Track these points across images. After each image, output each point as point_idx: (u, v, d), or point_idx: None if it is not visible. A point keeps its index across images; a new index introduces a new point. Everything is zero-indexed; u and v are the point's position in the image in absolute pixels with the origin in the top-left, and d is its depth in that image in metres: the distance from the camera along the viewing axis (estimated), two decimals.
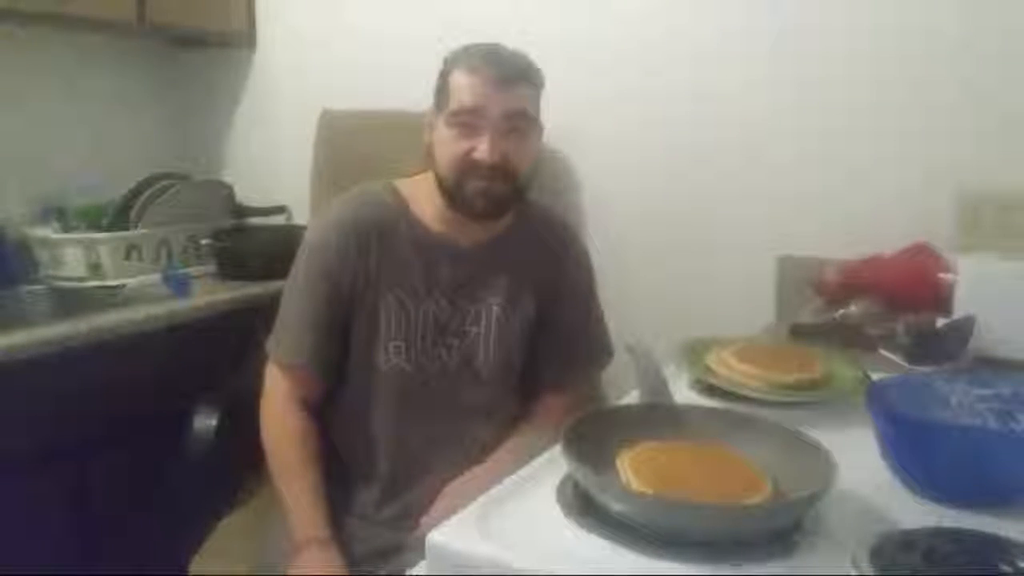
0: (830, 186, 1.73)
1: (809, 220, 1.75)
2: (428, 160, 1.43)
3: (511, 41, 1.42)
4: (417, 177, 1.48)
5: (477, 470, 1.40)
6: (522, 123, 1.37)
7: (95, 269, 2.03)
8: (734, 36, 1.79)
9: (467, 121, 1.34)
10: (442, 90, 1.39)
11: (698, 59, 1.83)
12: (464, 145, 1.35)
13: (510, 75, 1.35)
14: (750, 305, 1.76)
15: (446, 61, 1.40)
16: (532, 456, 0.95)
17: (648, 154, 1.90)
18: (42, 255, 2.07)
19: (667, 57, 1.86)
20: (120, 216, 2.08)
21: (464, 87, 1.34)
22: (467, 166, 1.35)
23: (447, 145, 1.36)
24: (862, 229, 1.68)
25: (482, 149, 1.34)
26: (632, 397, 1.10)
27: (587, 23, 1.93)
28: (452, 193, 1.38)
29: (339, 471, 1.45)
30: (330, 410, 1.48)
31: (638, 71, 1.89)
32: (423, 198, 1.44)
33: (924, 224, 1.62)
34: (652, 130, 1.89)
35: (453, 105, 1.35)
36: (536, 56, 1.42)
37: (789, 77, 1.75)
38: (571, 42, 1.92)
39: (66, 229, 2.09)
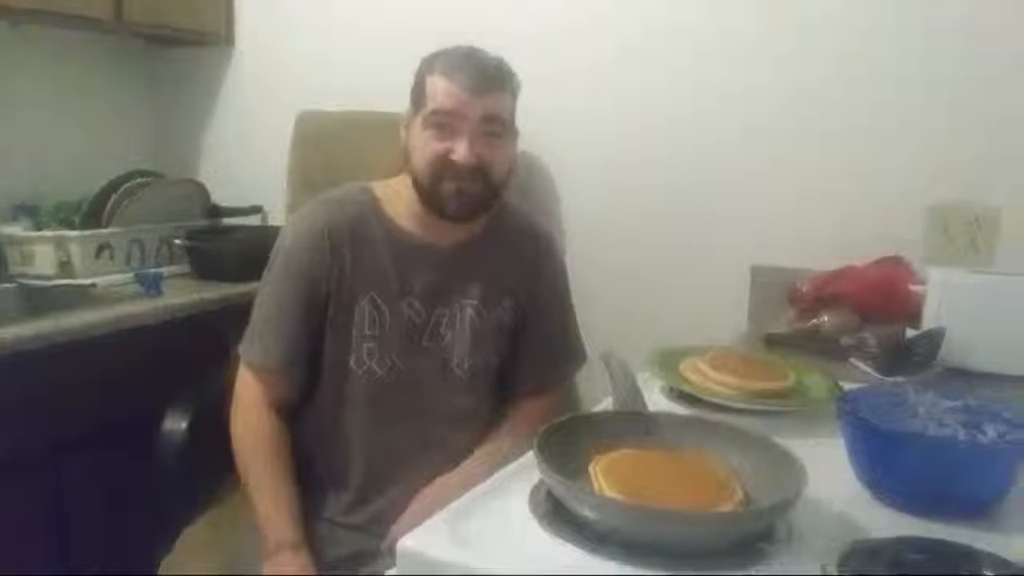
0: (804, 197, 1.75)
1: (783, 231, 1.77)
2: (404, 161, 1.42)
3: (489, 42, 1.42)
4: (393, 179, 1.47)
5: (450, 475, 1.39)
6: (498, 127, 1.38)
7: (65, 267, 2.01)
8: (713, 41, 1.80)
9: (444, 122, 1.35)
10: (419, 92, 1.39)
11: (675, 66, 1.84)
12: (440, 146, 1.35)
13: (486, 80, 1.35)
14: (723, 314, 1.77)
15: (423, 63, 1.40)
16: (505, 462, 0.95)
17: (624, 161, 1.92)
18: (11, 253, 2.04)
19: (644, 64, 1.87)
20: (92, 214, 2.06)
21: (441, 91, 1.34)
22: (443, 167, 1.35)
23: (423, 145, 1.37)
24: (835, 240, 1.70)
25: (459, 150, 1.34)
26: (606, 404, 1.10)
27: (564, 25, 1.94)
28: (427, 193, 1.38)
29: (311, 475, 1.44)
30: (303, 413, 1.46)
31: (615, 78, 1.90)
32: (399, 200, 1.44)
33: (896, 237, 1.65)
34: (628, 136, 1.90)
35: (430, 107, 1.35)
36: (513, 58, 1.42)
37: (767, 85, 1.76)
38: (548, 45, 1.93)
39: (37, 227, 2.07)
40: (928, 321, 1.40)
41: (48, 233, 2.03)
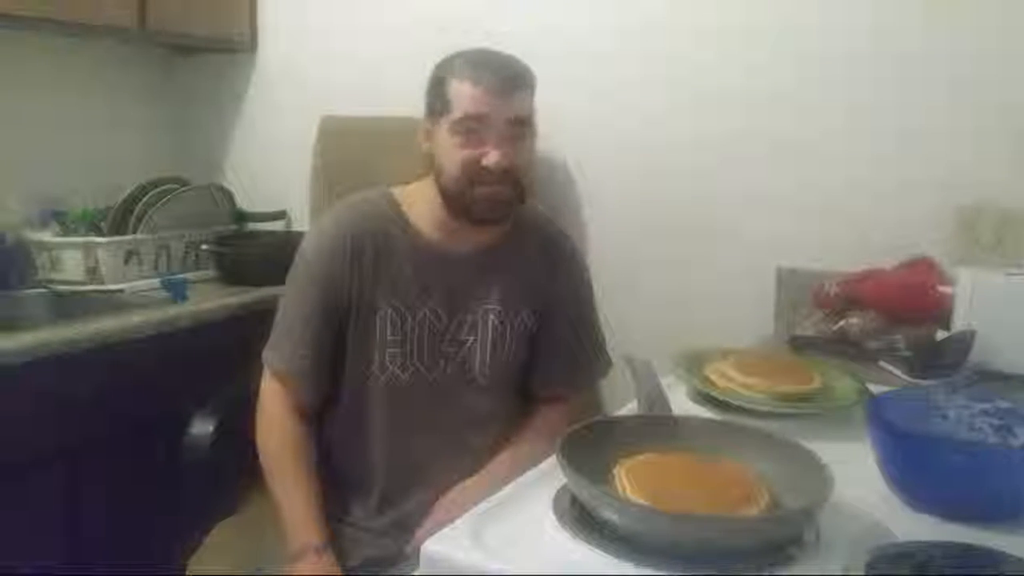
0: (831, 199, 1.73)
1: (810, 232, 1.75)
2: (427, 167, 1.42)
3: (511, 44, 1.42)
4: (415, 184, 1.47)
5: (474, 480, 1.39)
6: (524, 128, 1.37)
7: (93, 273, 2.03)
8: (738, 40, 1.79)
9: (472, 128, 1.34)
10: (439, 98, 1.37)
11: (700, 65, 1.83)
12: (470, 152, 1.34)
13: (510, 81, 1.35)
14: (749, 316, 1.75)
15: (439, 68, 1.39)
16: (528, 466, 0.95)
17: (646, 162, 1.90)
18: (41, 258, 2.07)
19: (665, 61, 1.86)
20: (120, 220, 2.08)
21: (466, 96, 1.33)
22: (475, 173, 1.34)
23: (452, 153, 1.35)
24: (862, 241, 1.68)
25: (491, 156, 1.33)
26: (630, 408, 1.10)
27: (587, 23, 1.93)
28: (457, 199, 1.37)
29: (335, 480, 1.44)
30: (326, 418, 1.47)
31: (638, 76, 1.89)
32: (420, 205, 1.44)
33: (925, 237, 1.63)
34: (650, 137, 1.89)
35: (456, 113, 1.34)
36: (535, 55, 1.42)
37: (793, 85, 1.74)
38: (571, 45, 1.92)
39: (65, 233, 2.09)
40: (958, 323, 1.38)
41: (77, 239, 2.05)
